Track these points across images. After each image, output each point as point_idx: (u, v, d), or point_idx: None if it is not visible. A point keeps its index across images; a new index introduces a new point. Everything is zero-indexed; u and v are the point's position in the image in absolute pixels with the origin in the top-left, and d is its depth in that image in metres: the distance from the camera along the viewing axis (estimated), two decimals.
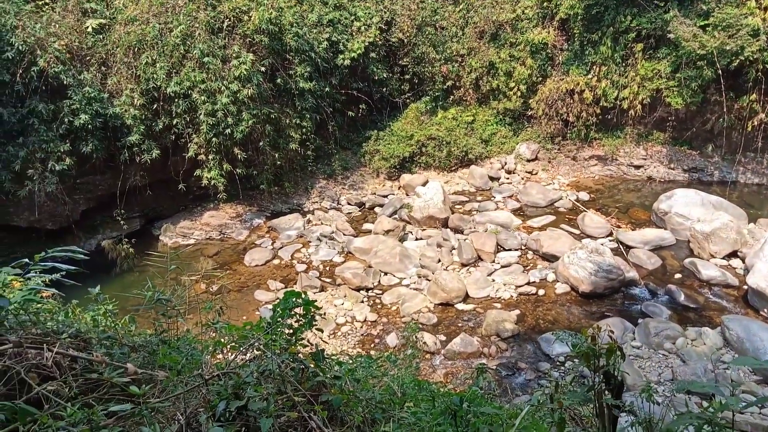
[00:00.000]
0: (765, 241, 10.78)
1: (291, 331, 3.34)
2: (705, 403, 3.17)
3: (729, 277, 11.12)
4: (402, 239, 13.47)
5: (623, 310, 10.66)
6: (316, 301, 4.78)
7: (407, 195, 15.70)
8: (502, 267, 12.16)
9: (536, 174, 16.77)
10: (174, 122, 13.11)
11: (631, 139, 16.64)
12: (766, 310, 10.04)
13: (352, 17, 16.68)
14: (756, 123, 14.42)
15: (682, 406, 7.12)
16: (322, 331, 4.09)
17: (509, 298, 11.16)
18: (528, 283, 11.55)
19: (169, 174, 13.84)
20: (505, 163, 17.01)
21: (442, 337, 10.07)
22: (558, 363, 9.32)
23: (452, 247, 12.87)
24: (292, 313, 3.54)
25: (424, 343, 9.51)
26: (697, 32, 14.23)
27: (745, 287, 10.62)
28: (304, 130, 15.10)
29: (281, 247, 13.49)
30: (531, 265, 12.30)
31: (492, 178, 16.56)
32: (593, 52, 16.40)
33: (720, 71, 14.10)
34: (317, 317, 3.53)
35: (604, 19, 16.13)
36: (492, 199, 15.62)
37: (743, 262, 11.42)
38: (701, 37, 14.12)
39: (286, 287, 11.67)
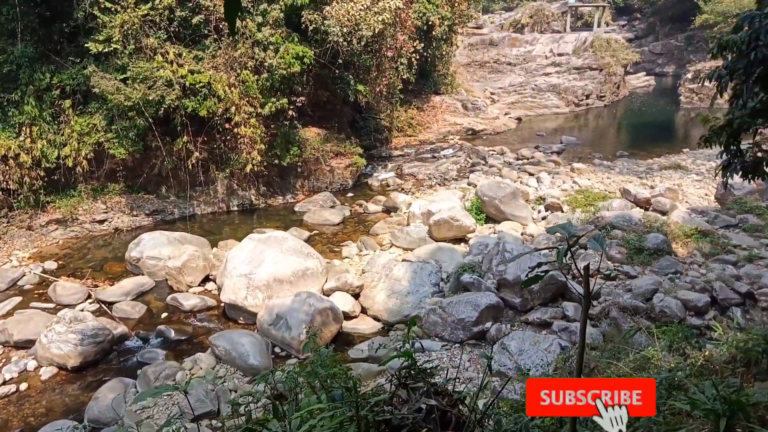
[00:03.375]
0: (226, 260, 12.28)
1: None
2: None
3: (208, 300, 12.18)
4: None
5: (121, 368, 10.27)
6: None
7: None
8: None
9: None
10: None
11: (87, 195, 16.15)
12: (241, 318, 11.46)
13: None
14: (194, 161, 16.21)
15: None
16: None
17: None
18: (4, 383, 9.74)
19: None
20: None
21: None
22: None
23: None
24: None
25: None
26: (120, 86, 14.90)
27: (222, 304, 11.85)
28: None
29: None
30: (4, 360, 10.43)
31: None
32: (18, 112, 15.05)
33: (151, 120, 15.17)
34: None
35: (21, 77, 15.01)
36: None
37: (215, 283, 12.71)
38: (125, 89, 14.84)
39: None
